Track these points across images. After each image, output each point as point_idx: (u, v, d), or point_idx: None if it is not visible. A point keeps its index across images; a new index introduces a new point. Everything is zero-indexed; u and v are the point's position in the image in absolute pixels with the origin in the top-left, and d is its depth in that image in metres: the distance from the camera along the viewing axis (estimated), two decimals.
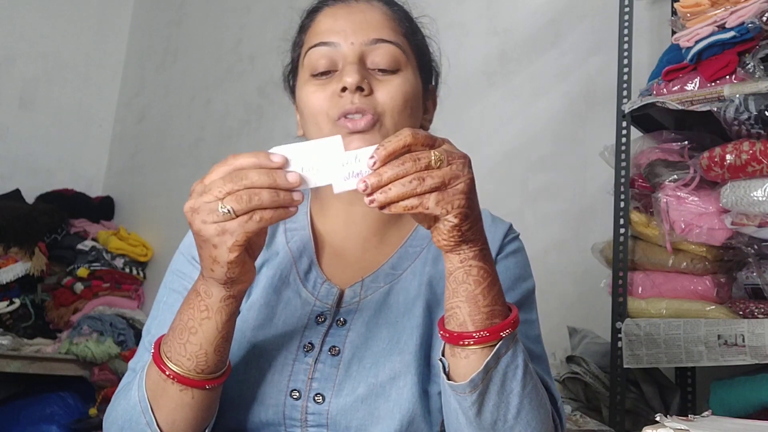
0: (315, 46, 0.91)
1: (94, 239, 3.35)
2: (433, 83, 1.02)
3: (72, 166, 3.70)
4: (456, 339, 0.74)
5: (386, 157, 0.67)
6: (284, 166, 0.70)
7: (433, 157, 0.68)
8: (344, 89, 0.86)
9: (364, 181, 0.68)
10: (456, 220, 0.69)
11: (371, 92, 0.87)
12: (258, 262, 0.93)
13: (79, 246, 3.25)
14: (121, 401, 0.83)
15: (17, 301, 3.01)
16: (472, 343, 0.74)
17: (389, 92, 0.88)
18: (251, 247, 0.75)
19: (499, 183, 2.40)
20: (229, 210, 0.68)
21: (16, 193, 3.39)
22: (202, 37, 3.63)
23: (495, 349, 0.74)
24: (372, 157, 0.68)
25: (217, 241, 0.70)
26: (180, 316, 0.79)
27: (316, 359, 0.85)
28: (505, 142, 2.44)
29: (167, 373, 0.78)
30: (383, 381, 0.83)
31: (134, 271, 3.36)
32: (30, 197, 3.43)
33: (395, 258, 0.94)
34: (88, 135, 3.80)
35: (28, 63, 3.59)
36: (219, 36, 3.53)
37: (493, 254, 0.90)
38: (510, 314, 0.76)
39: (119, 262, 3.31)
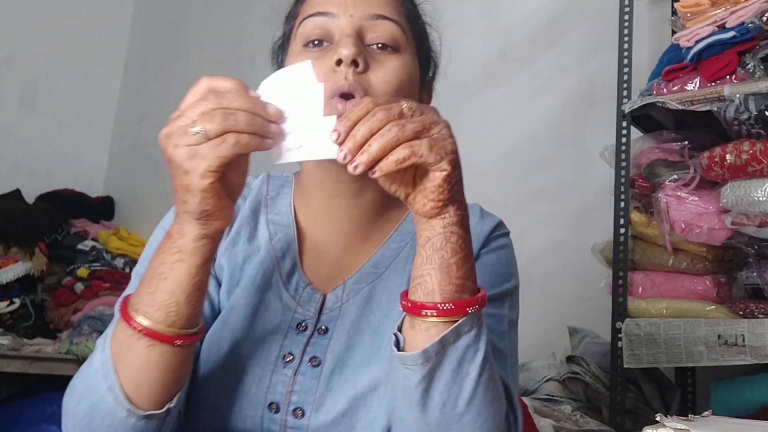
0: (311, 15, 0.85)
1: (94, 239, 3.35)
2: (431, 75, 0.97)
3: (72, 166, 3.70)
4: (419, 309, 0.69)
5: (350, 127, 0.64)
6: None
7: (404, 105, 0.65)
8: (339, 62, 0.80)
9: (342, 150, 0.63)
10: (449, 168, 0.66)
11: (366, 69, 0.81)
12: (240, 257, 0.90)
13: (79, 246, 3.25)
14: (83, 371, 0.76)
15: (17, 301, 3.00)
16: (435, 314, 0.69)
17: (383, 74, 0.83)
18: (229, 183, 0.70)
19: (498, 183, 2.40)
20: (200, 131, 0.64)
21: (16, 193, 3.39)
22: (202, 37, 3.63)
23: (457, 324, 0.69)
24: (335, 130, 0.64)
25: (188, 166, 0.66)
26: (150, 263, 0.73)
27: (296, 371, 0.81)
28: (504, 142, 2.44)
29: (133, 325, 0.71)
30: (363, 391, 0.80)
31: None
32: (30, 197, 3.43)
33: (378, 255, 0.89)
34: (88, 135, 3.80)
35: (28, 63, 3.59)
36: (219, 36, 3.53)
37: (477, 248, 0.87)
38: (479, 293, 0.72)
39: (119, 262, 3.31)
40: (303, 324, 0.85)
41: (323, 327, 0.85)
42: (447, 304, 0.69)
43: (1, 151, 3.47)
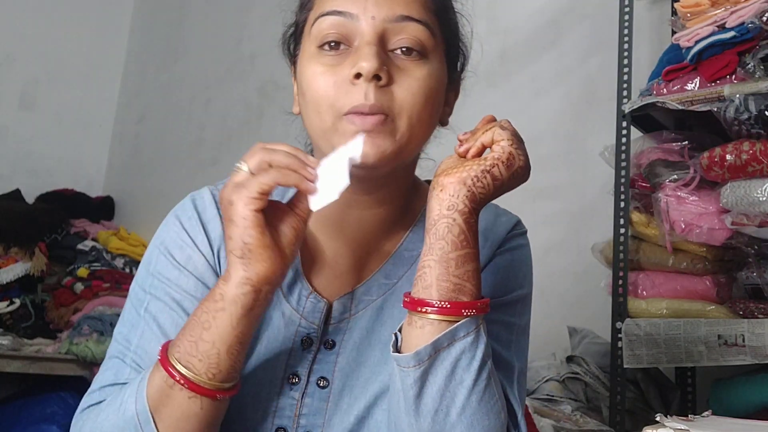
0: (327, 14, 0.76)
1: (94, 239, 3.35)
2: (459, 70, 0.88)
3: (72, 166, 3.70)
4: (415, 305, 0.68)
5: None
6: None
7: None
8: (358, 75, 0.72)
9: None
10: (510, 148, 0.73)
11: (389, 82, 0.73)
12: None
13: (79, 246, 3.25)
14: (110, 416, 0.72)
15: (17, 301, 3.00)
16: (429, 311, 0.67)
17: (410, 88, 0.74)
18: (278, 231, 0.69)
19: None
20: (244, 167, 0.68)
21: (16, 193, 3.39)
22: (202, 37, 3.63)
23: (452, 328, 0.67)
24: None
25: (233, 197, 0.67)
26: (194, 312, 0.71)
27: (303, 393, 0.78)
28: None
29: (176, 376, 0.69)
30: (370, 404, 0.78)
31: (134, 271, 3.34)
32: (30, 197, 3.43)
33: (389, 264, 0.84)
34: (88, 135, 3.80)
35: (28, 63, 3.59)
36: (219, 36, 3.53)
37: (492, 250, 0.84)
38: (480, 299, 0.70)
39: (119, 262, 3.31)
40: (308, 339, 0.80)
41: (330, 341, 0.81)
42: (443, 303, 0.67)
43: (1, 151, 3.47)
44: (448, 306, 0.68)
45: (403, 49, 0.76)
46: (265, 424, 0.77)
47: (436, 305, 0.68)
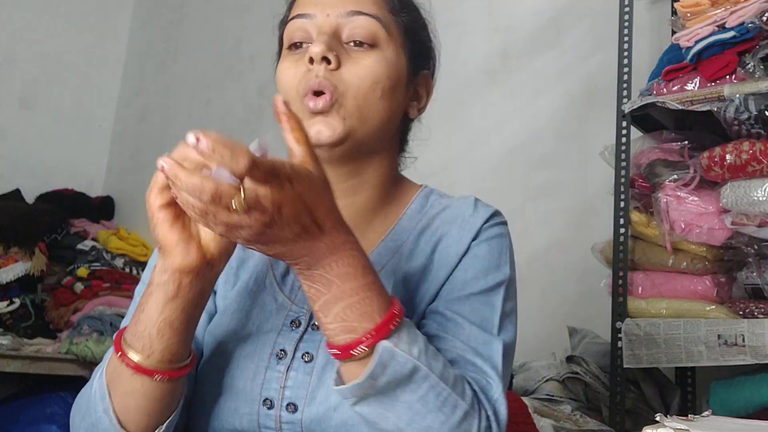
0: (293, 18, 0.88)
1: (94, 239, 3.35)
2: (429, 69, 0.96)
3: (72, 166, 3.70)
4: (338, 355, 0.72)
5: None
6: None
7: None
8: (312, 61, 0.82)
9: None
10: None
11: (338, 66, 0.83)
12: (234, 261, 0.90)
13: (79, 246, 3.25)
14: (86, 390, 0.81)
15: (17, 301, 3.00)
16: (335, 354, 0.71)
17: (357, 70, 0.83)
18: (188, 228, 0.70)
19: (499, 181, 2.40)
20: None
21: (16, 193, 3.38)
22: (202, 37, 3.63)
23: (368, 372, 0.69)
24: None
25: (147, 192, 0.69)
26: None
27: (289, 366, 0.82)
28: (505, 141, 2.44)
29: (119, 355, 0.74)
30: None
31: (134, 271, 3.36)
32: (30, 197, 3.43)
33: (373, 256, 0.88)
34: (88, 135, 3.79)
35: (28, 63, 3.59)
36: (219, 36, 3.53)
37: (468, 240, 0.87)
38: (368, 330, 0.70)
39: (119, 262, 3.31)
40: (297, 321, 0.85)
41: (317, 323, 0.83)
42: (333, 350, 0.71)
43: (1, 151, 3.47)
44: (338, 352, 0.70)
45: (356, 41, 0.85)
46: (253, 395, 0.81)
47: (332, 351, 0.71)
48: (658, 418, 0.64)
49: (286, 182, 0.62)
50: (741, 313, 1.58)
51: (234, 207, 0.60)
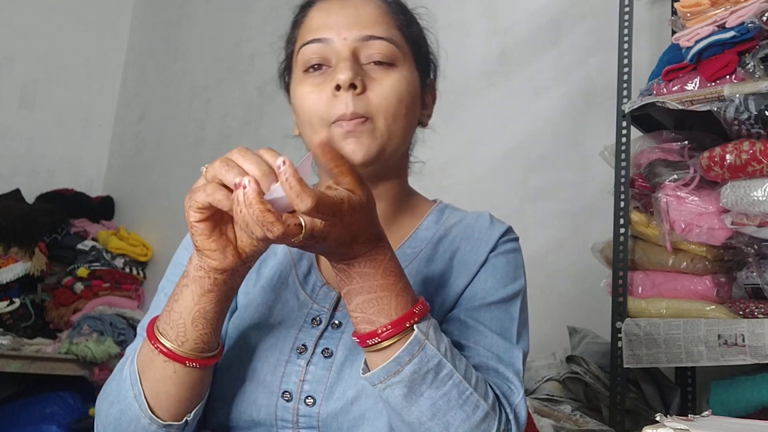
0: (308, 43, 0.90)
1: (94, 239, 3.35)
2: (432, 77, 1.01)
3: (72, 166, 3.70)
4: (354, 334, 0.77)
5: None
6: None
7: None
8: (338, 87, 0.85)
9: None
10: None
11: (364, 89, 0.86)
12: None
13: (79, 246, 3.25)
14: (115, 378, 0.83)
15: (17, 301, 3.01)
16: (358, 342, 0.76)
17: (382, 91, 0.87)
18: (225, 233, 0.72)
19: (498, 182, 2.40)
20: (203, 171, 0.70)
21: (16, 193, 3.39)
22: (202, 37, 3.63)
23: (395, 356, 0.73)
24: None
25: (186, 202, 0.71)
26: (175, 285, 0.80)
27: (309, 361, 0.85)
28: (505, 142, 2.44)
29: (153, 342, 0.78)
30: None
31: (134, 271, 3.36)
32: (30, 197, 3.43)
33: None
34: (88, 135, 3.80)
35: (28, 63, 3.59)
36: (219, 36, 3.53)
37: (486, 251, 0.92)
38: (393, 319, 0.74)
39: (119, 262, 3.31)
40: (318, 318, 0.89)
41: (337, 322, 0.88)
42: (355, 337, 0.76)
43: (1, 151, 3.47)
44: (357, 340, 0.76)
45: (374, 61, 0.89)
46: (273, 386, 0.84)
47: (355, 339, 0.77)
48: (658, 418, 0.64)
49: (338, 217, 0.67)
50: (741, 313, 1.58)
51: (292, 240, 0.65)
